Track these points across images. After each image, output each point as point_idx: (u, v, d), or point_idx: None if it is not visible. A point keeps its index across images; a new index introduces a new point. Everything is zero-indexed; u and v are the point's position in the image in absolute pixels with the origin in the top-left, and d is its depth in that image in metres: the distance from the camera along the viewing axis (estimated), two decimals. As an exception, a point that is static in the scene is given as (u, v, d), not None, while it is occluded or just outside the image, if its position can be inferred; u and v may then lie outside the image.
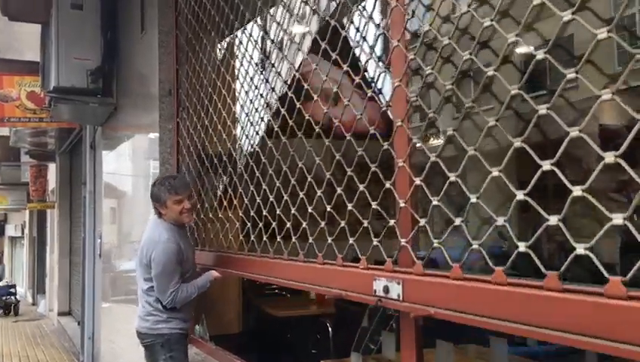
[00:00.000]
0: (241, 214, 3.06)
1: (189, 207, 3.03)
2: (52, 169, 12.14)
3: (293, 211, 2.42)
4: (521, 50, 1.69)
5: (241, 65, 3.30)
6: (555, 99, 1.33)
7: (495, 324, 1.43)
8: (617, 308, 1.14)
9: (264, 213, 2.75)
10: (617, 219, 1.13)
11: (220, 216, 3.39)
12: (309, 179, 2.31)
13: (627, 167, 1.11)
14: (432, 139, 1.91)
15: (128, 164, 6.07)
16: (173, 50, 4.18)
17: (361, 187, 1.98)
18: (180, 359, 3.00)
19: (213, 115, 3.52)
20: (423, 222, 1.72)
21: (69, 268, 10.86)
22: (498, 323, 1.42)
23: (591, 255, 1.18)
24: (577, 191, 1.23)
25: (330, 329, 4.43)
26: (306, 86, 2.33)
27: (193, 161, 3.89)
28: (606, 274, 1.13)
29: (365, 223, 1.94)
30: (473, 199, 1.52)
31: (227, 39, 3.61)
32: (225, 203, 3.28)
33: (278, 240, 2.54)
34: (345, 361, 2.57)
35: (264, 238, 2.73)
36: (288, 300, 5.32)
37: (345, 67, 2.09)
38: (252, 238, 2.87)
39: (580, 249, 1.20)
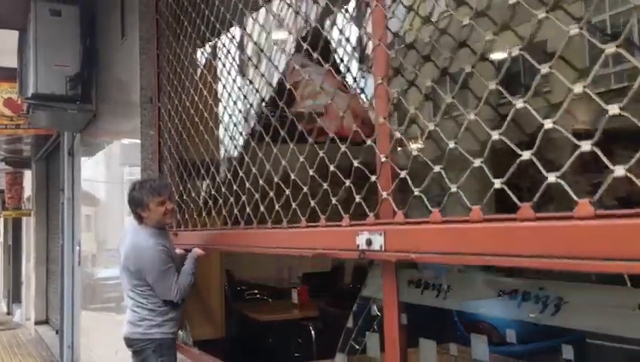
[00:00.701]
0: (224, 190, 3.09)
1: (172, 207, 3.09)
2: (28, 176, 11.98)
3: (276, 180, 2.48)
4: (496, 54, 1.77)
5: (224, 69, 3.35)
6: (530, 94, 1.40)
7: (474, 259, 1.51)
8: (587, 228, 1.22)
9: (247, 185, 2.78)
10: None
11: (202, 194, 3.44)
12: (291, 146, 2.37)
13: (602, 156, 1.18)
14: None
15: (106, 170, 6.06)
16: (154, 57, 4.20)
17: (343, 147, 2.03)
18: None
19: (194, 120, 3.55)
20: (403, 174, 1.80)
21: (45, 277, 10.72)
22: (476, 258, 1.50)
23: (562, 182, 1.26)
24: (552, 177, 1.30)
25: (313, 332, 4.47)
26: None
27: (176, 166, 3.92)
28: (575, 198, 1.20)
29: (347, 182, 2.00)
30: (451, 144, 1.60)
31: (209, 44, 3.66)
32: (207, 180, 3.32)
33: (262, 210, 2.58)
34: (329, 363, 2.62)
35: (247, 210, 2.77)
36: (270, 304, 5.35)
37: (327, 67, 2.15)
38: (235, 212, 2.90)
39: (552, 177, 1.28)
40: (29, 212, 11.47)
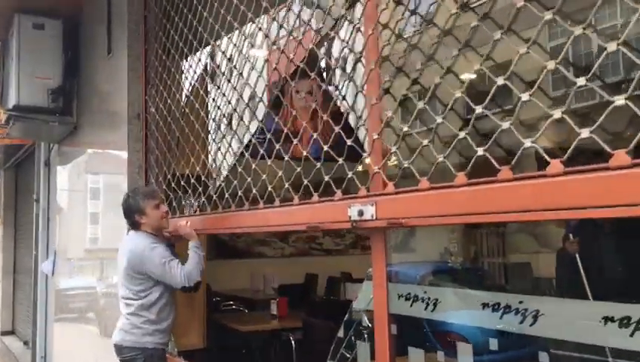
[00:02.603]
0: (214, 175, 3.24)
1: (167, 210, 3.27)
2: (-6, 184, 11.78)
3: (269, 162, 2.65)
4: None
5: (212, 86, 3.52)
6: (501, 117, 1.61)
7: (458, 219, 1.70)
8: (558, 183, 1.40)
9: (239, 169, 2.95)
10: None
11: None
12: (285, 130, 2.54)
13: (572, 123, 1.37)
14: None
15: (82, 180, 6.12)
16: (142, 74, 4.32)
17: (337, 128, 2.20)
18: None
19: (183, 134, 3.70)
20: (394, 148, 1.99)
21: (12, 287, 10.56)
22: (461, 218, 1.69)
23: (536, 145, 1.43)
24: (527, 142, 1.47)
25: (293, 342, 4.61)
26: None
27: (164, 178, 4.03)
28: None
29: (340, 160, 2.17)
30: (439, 119, 1.78)
31: (196, 63, 3.82)
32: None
33: (254, 191, 2.75)
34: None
35: (239, 193, 2.93)
36: (249, 315, 5.47)
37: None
38: (226, 196, 3.05)
39: (527, 142, 1.45)
40: (-4, 221, 11.27)
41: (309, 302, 5.77)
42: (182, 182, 3.62)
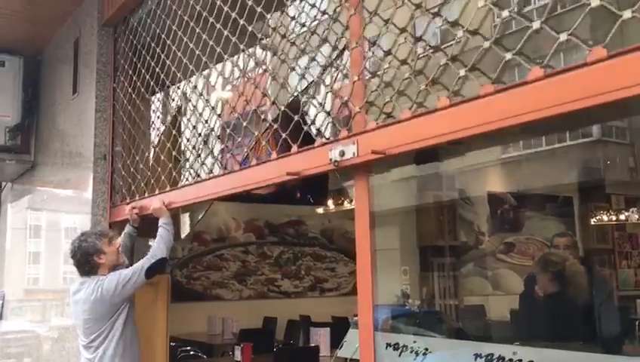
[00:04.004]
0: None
1: (120, 243, 3.32)
2: None
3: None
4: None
5: (180, 127, 3.58)
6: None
7: (440, 138, 1.80)
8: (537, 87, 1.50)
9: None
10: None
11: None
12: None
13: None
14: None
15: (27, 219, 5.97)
16: (110, 116, 4.30)
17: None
18: None
19: (153, 174, 3.70)
20: (375, 87, 2.06)
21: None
22: (441, 137, 1.79)
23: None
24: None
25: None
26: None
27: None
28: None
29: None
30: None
31: (167, 100, 3.89)
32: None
33: (228, 155, 2.81)
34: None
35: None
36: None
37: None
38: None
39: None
40: None
41: (270, 347, 5.69)
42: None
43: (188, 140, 3.49)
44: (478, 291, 8.40)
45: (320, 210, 7.75)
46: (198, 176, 3.27)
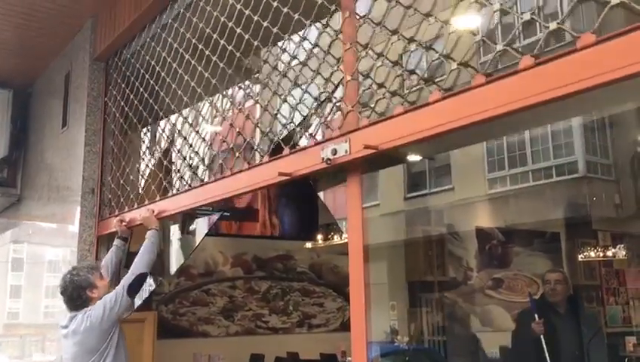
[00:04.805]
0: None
1: (109, 278, 3.33)
2: None
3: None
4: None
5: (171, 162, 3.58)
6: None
7: (433, 130, 1.82)
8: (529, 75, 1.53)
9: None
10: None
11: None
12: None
13: None
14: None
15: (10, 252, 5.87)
16: (99, 150, 4.28)
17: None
18: None
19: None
20: (369, 85, 2.08)
21: None
22: (434, 128, 1.81)
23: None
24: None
25: None
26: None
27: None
28: (519, 56, 1.47)
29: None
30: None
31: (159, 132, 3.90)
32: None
33: (220, 162, 2.81)
34: None
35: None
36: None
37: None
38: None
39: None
40: None
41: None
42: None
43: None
44: (467, 327, 8.34)
45: (308, 245, 7.71)
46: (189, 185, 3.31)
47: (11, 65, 5.25)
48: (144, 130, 4.15)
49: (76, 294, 3.07)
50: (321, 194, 7.39)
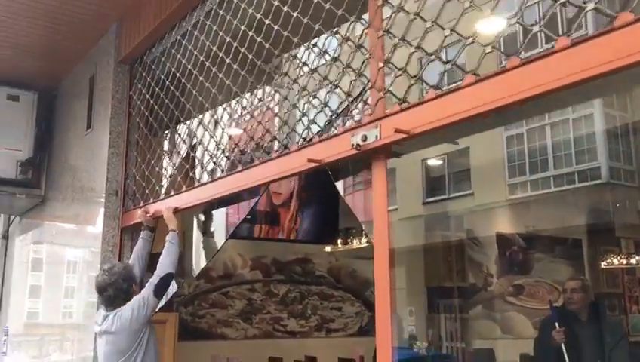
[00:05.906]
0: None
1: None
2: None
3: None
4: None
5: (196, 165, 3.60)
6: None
7: (466, 113, 1.81)
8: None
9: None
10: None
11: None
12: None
13: None
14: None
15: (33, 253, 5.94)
16: (123, 151, 4.32)
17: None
18: None
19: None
20: (399, 73, 2.09)
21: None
22: (467, 112, 1.81)
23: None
24: None
25: None
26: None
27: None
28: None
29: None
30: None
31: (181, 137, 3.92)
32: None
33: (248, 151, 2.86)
34: None
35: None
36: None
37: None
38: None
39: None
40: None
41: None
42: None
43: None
44: (487, 334, 8.27)
45: (327, 249, 7.70)
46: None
47: (37, 68, 5.32)
48: (170, 126, 4.17)
49: (120, 289, 3.13)
50: (346, 198, 7.39)
